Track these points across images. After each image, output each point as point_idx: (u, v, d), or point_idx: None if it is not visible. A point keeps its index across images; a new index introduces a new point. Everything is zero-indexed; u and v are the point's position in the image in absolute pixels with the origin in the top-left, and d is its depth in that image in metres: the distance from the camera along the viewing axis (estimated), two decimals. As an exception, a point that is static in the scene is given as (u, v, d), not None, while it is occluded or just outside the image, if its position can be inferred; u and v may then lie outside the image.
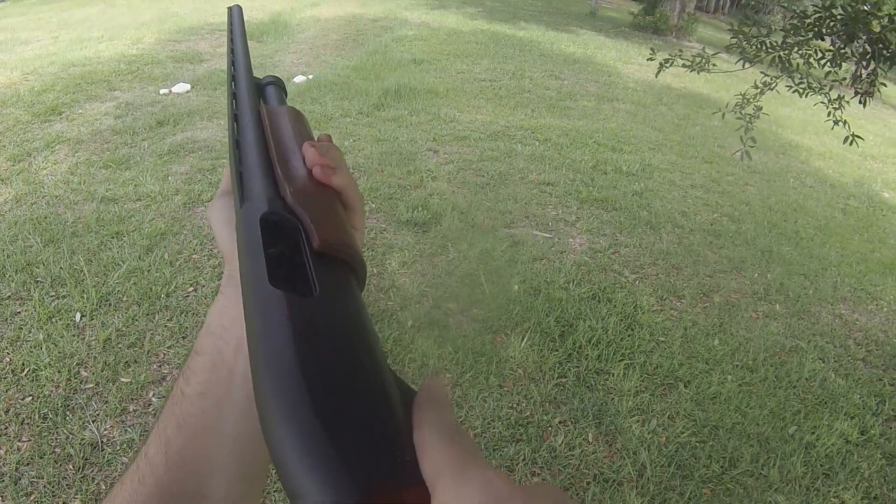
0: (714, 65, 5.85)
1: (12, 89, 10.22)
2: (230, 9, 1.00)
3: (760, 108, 5.81)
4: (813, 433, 4.48)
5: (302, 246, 0.59)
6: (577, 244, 6.56)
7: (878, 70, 5.22)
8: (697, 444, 4.24)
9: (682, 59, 5.78)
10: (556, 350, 4.91)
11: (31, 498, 3.55)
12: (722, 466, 4.10)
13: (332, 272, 0.58)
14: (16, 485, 3.62)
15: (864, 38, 5.10)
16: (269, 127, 0.72)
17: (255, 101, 0.79)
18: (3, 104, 9.45)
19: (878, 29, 4.94)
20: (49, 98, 9.70)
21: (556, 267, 6.04)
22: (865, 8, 5.07)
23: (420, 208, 6.67)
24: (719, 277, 6.37)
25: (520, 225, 6.80)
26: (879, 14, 4.97)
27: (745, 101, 5.79)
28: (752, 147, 5.62)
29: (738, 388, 4.81)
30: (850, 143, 5.42)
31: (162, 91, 10.52)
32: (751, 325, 5.68)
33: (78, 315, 4.86)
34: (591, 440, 4.17)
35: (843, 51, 5.24)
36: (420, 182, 7.49)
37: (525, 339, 4.94)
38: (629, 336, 5.18)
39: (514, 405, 4.38)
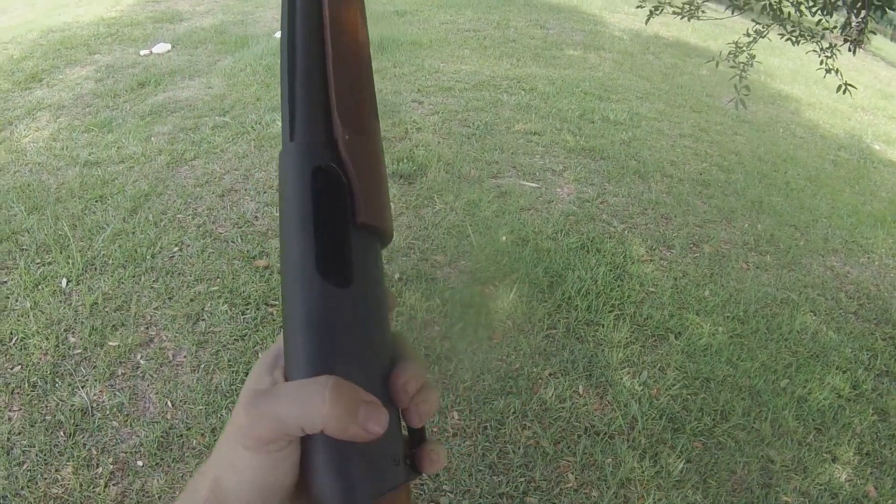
0: (703, 12, 5.75)
1: None
2: None
3: (754, 57, 5.72)
4: (805, 387, 4.46)
5: (347, 215, 0.62)
6: (565, 194, 6.48)
7: (869, 18, 5.14)
8: (689, 396, 4.21)
9: (672, 6, 5.68)
10: (546, 301, 4.85)
11: (24, 467, 3.51)
12: (713, 419, 4.07)
13: (365, 246, 0.63)
14: (8, 455, 3.58)
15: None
16: (331, 27, 0.64)
17: None
18: None
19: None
20: (29, 65, 9.56)
21: (544, 217, 5.96)
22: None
23: (405, 160, 6.58)
24: (709, 227, 6.31)
25: (506, 175, 6.72)
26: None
27: (738, 49, 5.71)
28: (745, 95, 5.54)
29: (729, 340, 4.77)
30: (844, 92, 5.33)
31: (142, 52, 10.36)
32: (741, 276, 5.62)
33: (64, 281, 4.80)
34: (581, 392, 4.12)
35: (833, -1, 5.16)
36: (405, 134, 7.39)
37: (513, 291, 4.88)
38: (619, 286, 5.12)
39: (504, 357, 4.34)
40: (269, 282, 4.83)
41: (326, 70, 0.63)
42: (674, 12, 5.71)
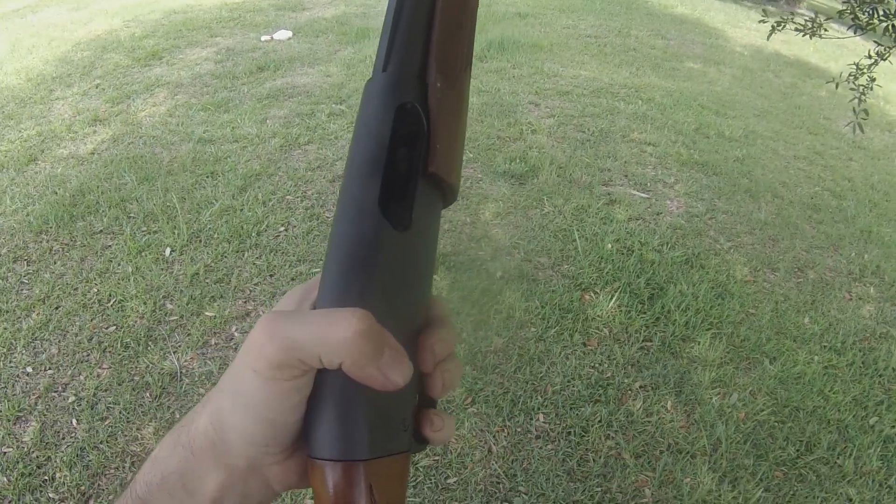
0: (826, 30, 5.72)
1: (113, 35, 10.44)
2: None
3: (874, 80, 5.68)
4: (893, 427, 4.40)
5: (419, 161, 0.62)
6: (674, 207, 6.50)
7: None
8: (776, 423, 4.21)
9: (795, 22, 5.66)
10: (644, 313, 4.90)
11: (106, 423, 3.68)
12: (798, 450, 4.07)
13: (429, 197, 0.63)
14: (92, 409, 3.75)
15: None
16: None
17: None
18: (103, 49, 9.65)
19: None
20: (149, 43, 9.88)
21: (651, 228, 6.00)
22: None
23: (518, 160, 6.67)
24: (815, 253, 6.28)
25: (617, 183, 6.76)
26: None
27: (859, 70, 5.67)
28: (864, 120, 5.50)
29: (823, 371, 4.75)
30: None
31: (263, 38, 10.66)
32: (843, 306, 5.59)
33: (168, 250, 4.99)
34: (669, 408, 4.17)
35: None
36: (519, 134, 7.47)
37: (613, 299, 4.94)
38: (719, 305, 5.14)
39: (596, 365, 4.40)
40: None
41: (434, 11, 0.63)
42: (796, 29, 5.69)
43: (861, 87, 5.59)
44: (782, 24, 5.67)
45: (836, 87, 5.71)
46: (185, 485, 0.61)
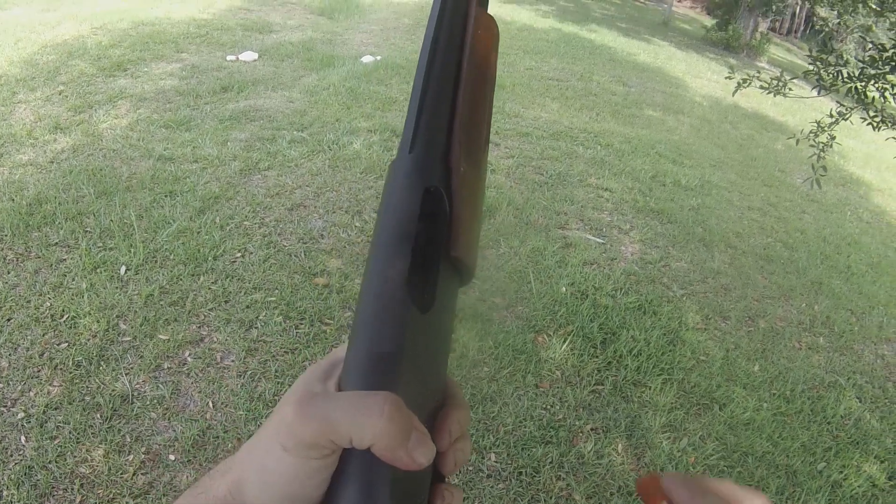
0: (790, 89, 5.82)
1: (80, 41, 10.35)
2: None
3: (834, 138, 5.78)
4: (841, 472, 4.46)
5: (443, 243, 0.62)
6: (629, 253, 6.56)
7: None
8: (725, 468, 4.25)
9: (760, 79, 5.76)
10: (597, 357, 4.92)
11: (56, 442, 3.62)
12: (748, 494, 4.09)
13: (449, 279, 0.63)
14: (41, 427, 3.69)
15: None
16: (470, 51, 0.66)
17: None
18: (69, 55, 9.58)
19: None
20: (116, 53, 9.82)
21: (606, 273, 6.04)
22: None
23: (475, 199, 6.68)
24: (767, 303, 6.35)
25: (573, 227, 6.81)
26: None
27: (820, 128, 5.76)
28: (822, 176, 5.60)
29: (772, 417, 4.80)
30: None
31: (229, 58, 10.63)
32: (793, 355, 5.66)
33: (123, 268, 4.94)
34: (619, 451, 4.18)
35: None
36: (478, 174, 7.50)
37: (567, 342, 4.96)
38: (670, 351, 5.18)
39: (548, 406, 4.41)
40: (326, 300, 4.94)
41: (457, 93, 0.64)
42: (761, 87, 5.79)
43: (821, 144, 5.68)
44: (748, 81, 5.77)
45: (797, 142, 5.80)
46: None
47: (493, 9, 0.66)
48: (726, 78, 6.33)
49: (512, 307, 5.30)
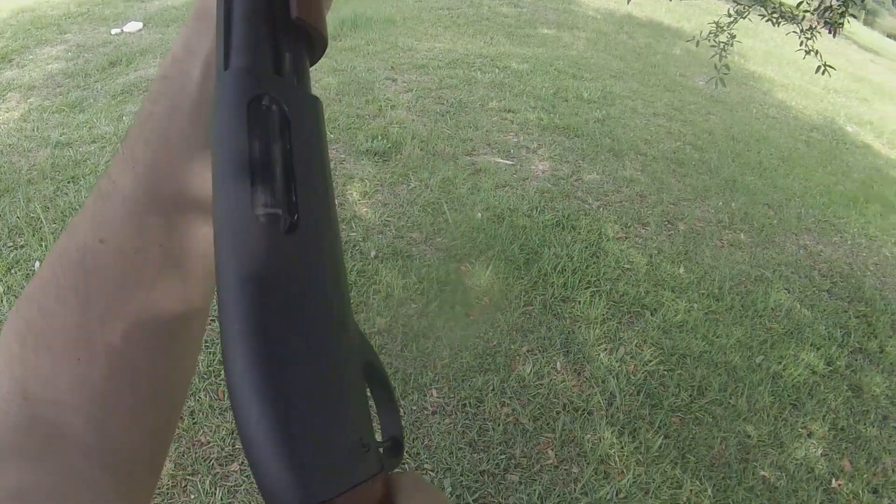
0: (684, -9, 5.78)
1: None
2: None
3: (734, 37, 5.76)
4: (780, 363, 4.49)
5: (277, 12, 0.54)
6: (540, 171, 6.47)
7: (848, 1, 5.19)
8: (665, 372, 4.22)
9: (654, -16, 5.72)
10: (522, 278, 4.84)
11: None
12: (690, 395, 4.08)
13: (299, 56, 0.56)
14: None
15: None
16: None
17: None
18: None
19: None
20: None
21: (520, 194, 5.94)
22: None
23: (379, 137, 6.54)
24: (684, 205, 6.32)
25: (481, 153, 6.70)
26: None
27: (719, 28, 5.74)
28: (725, 74, 5.57)
29: (704, 317, 4.79)
30: (823, 73, 5.37)
31: (114, 31, 10.27)
32: (716, 254, 5.64)
33: (37, 264, 4.73)
34: (559, 369, 4.12)
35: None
36: (379, 111, 7.36)
37: (490, 268, 4.87)
38: (594, 264, 5.12)
39: (481, 334, 4.33)
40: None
41: None
42: (657, -6, 5.75)
43: (721, 44, 5.70)
44: (643, -11, 5.71)
45: (697, 44, 5.81)
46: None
47: None
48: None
49: (430, 240, 5.18)
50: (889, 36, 33.43)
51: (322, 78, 8.15)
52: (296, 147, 0.52)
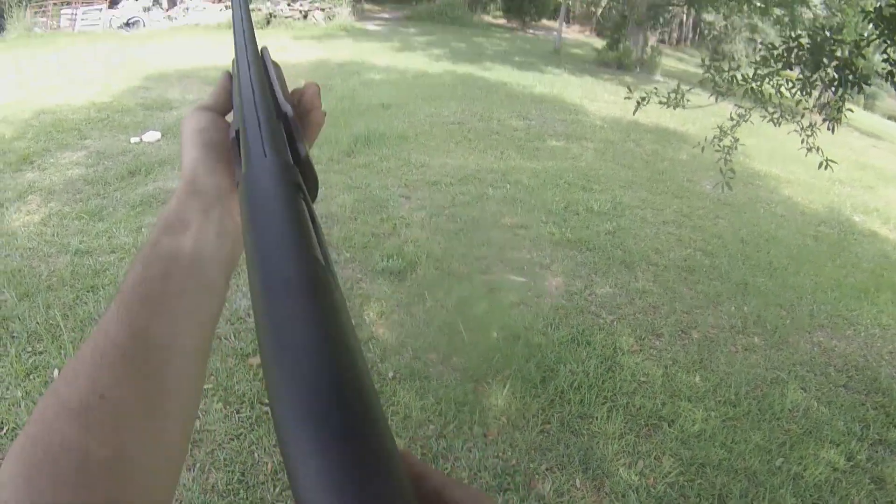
0: (688, 100, 5.92)
1: None
2: None
3: (737, 140, 5.90)
4: (800, 464, 4.50)
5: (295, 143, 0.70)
6: (553, 287, 6.57)
7: (846, 95, 5.31)
8: (685, 483, 4.24)
9: (659, 95, 5.86)
10: (539, 396, 4.90)
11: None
12: (711, 504, 4.10)
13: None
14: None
15: (831, 64, 5.20)
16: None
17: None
18: None
19: (844, 55, 5.05)
20: (20, 146, 9.68)
21: (534, 311, 6.03)
22: (828, 35, 5.18)
23: (395, 257, 6.66)
24: (696, 313, 6.40)
25: (495, 270, 6.82)
26: (843, 40, 5.08)
27: (723, 133, 5.87)
28: (731, 178, 5.70)
29: (722, 424, 4.82)
30: (825, 168, 5.50)
31: (133, 140, 10.53)
32: (731, 360, 5.70)
33: (56, 371, 4.80)
34: (579, 486, 4.15)
35: (811, 79, 5.33)
36: (393, 229, 7.50)
37: (507, 387, 4.93)
38: (610, 378, 5.17)
39: (500, 454, 4.36)
40: (263, 380, 4.84)
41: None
42: (660, 102, 5.89)
43: (726, 148, 5.80)
44: (646, 98, 5.86)
45: (703, 149, 5.91)
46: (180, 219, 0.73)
47: (385, 60, 0.67)
48: (625, 98, 6.41)
49: (447, 360, 5.26)
50: (889, 118, 33.67)
51: (337, 196, 8.32)
52: (316, 222, 0.58)
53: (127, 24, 30.47)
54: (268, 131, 0.66)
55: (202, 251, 0.72)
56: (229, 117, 0.84)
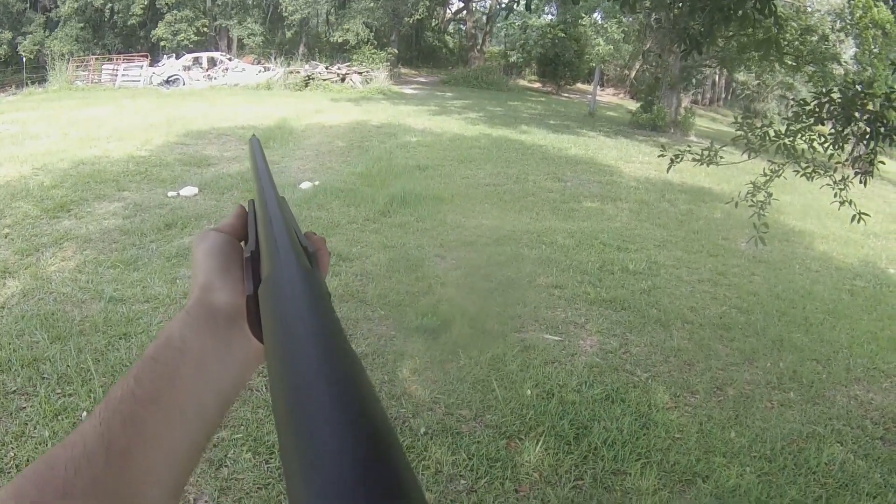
0: (722, 157, 5.97)
1: (22, 183, 10.47)
2: (251, 139, 1.09)
3: (771, 195, 5.93)
4: (837, 520, 4.47)
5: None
6: (588, 346, 6.59)
7: (878, 148, 5.34)
8: (720, 538, 4.23)
9: (692, 153, 5.91)
10: (572, 453, 4.90)
11: None
12: (747, 561, 4.08)
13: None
14: None
15: (863, 117, 5.24)
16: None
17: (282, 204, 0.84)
18: (12, 197, 9.65)
19: (875, 108, 5.09)
20: (58, 194, 9.88)
21: (568, 369, 6.05)
22: (859, 89, 5.22)
23: (429, 315, 6.71)
24: (732, 370, 6.39)
25: (530, 329, 6.84)
26: (874, 93, 5.13)
27: (756, 189, 5.91)
28: (765, 233, 5.72)
29: (757, 480, 4.79)
30: (858, 222, 5.51)
31: (170, 194, 10.74)
32: (766, 415, 5.67)
33: (84, 413, 4.86)
34: (612, 543, 4.15)
35: (843, 133, 5.37)
36: (428, 288, 7.56)
37: (539, 444, 4.93)
38: (644, 435, 5.17)
39: (532, 511, 4.36)
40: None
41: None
42: (694, 159, 5.94)
43: (760, 203, 5.82)
44: (680, 156, 5.91)
45: (736, 205, 5.94)
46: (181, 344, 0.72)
47: (422, 123, 0.73)
48: (659, 156, 6.47)
49: (480, 417, 5.28)
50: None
51: (373, 254, 8.40)
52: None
53: (167, 82, 31.12)
54: (296, 247, 0.66)
55: (202, 377, 0.71)
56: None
